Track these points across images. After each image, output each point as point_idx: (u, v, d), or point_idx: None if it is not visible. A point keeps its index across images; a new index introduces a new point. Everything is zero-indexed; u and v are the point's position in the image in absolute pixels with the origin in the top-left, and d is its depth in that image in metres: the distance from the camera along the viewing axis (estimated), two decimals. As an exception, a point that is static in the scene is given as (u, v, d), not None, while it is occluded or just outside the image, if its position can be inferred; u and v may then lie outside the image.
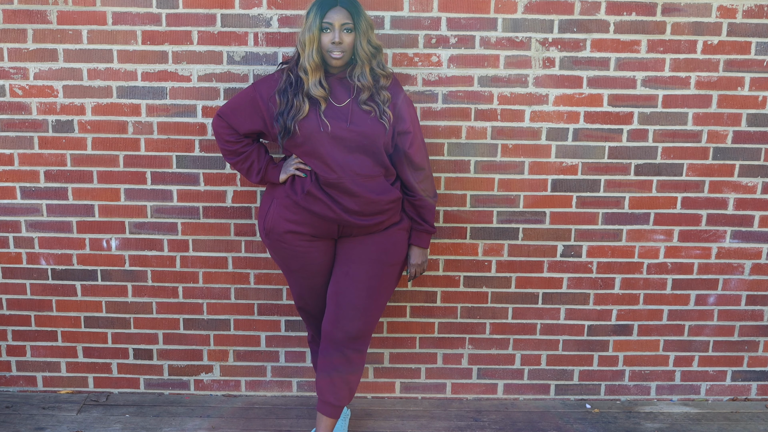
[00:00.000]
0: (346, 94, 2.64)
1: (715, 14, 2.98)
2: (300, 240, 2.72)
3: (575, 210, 3.17)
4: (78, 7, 2.93)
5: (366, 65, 2.60)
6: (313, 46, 2.55)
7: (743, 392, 3.41)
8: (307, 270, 2.77)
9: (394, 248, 2.76)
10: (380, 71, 2.64)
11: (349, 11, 2.54)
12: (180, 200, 3.13)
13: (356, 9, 2.56)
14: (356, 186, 2.62)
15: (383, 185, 2.68)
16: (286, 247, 2.74)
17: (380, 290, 2.75)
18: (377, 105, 2.63)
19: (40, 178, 3.11)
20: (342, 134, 2.60)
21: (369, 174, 2.64)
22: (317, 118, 2.60)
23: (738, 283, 3.28)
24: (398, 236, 2.77)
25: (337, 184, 2.62)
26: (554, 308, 3.28)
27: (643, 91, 3.06)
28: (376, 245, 2.74)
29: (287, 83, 2.64)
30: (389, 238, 2.75)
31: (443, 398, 3.38)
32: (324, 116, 2.60)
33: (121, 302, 3.25)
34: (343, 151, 2.61)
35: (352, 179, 2.62)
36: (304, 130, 2.61)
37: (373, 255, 2.73)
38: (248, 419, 3.18)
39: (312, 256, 2.75)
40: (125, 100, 3.03)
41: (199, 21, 2.95)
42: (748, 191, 3.17)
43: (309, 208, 2.67)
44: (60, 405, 3.25)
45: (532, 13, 2.96)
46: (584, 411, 3.30)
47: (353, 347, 2.75)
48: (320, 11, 2.54)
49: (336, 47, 2.55)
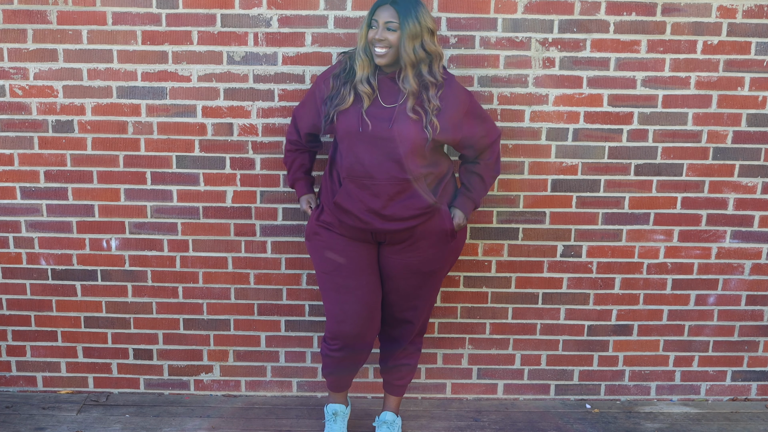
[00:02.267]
0: (395, 96, 2.62)
1: (715, 14, 2.98)
2: (334, 236, 2.74)
3: (575, 210, 3.17)
4: (78, 7, 2.93)
5: (410, 69, 2.56)
6: (362, 42, 2.60)
7: (743, 392, 3.41)
8: (344, 268, 2.73)
9: (435, 258, 2.75)
10: (429, 78, 2.58)
11: (397, 10, 2.53)
12: (180, 200, 3.13)
13: (406, 10, 2.53)
14: (389, 189, 2.60)
15: (420, 190, 2.65)
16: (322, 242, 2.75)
17: (429, 294, 2.86)
18: (425, 113, 2.59)
19: (40, 178, 3.11)
20: (382, 134, 2.58)
21: (404, 178, 2.60)
22: (358, 117, 2.60)
23: (738, 283, 3.27)
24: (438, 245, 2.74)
25: (371, 185, 2.60)
26: (554, 308, 3.28)
27: (643, 91, 3.06)
28: (417, 259, 2.73)
29: (342, 68, 2.67)
30: (429, 248, 2.73)
31: (443, 398, 3.38)
32: (366, 115, 2.59)
33: (121, 302, 3.25)
34: (379, 152, 2.59)
35: (386, 181, 2.60)
36: (343, 125, 2.61)
37: (415, 267, 2.75)
38: (248, 419, 3.18)
39: (347, 253, 2.72)
40: (125, 100, 3.03)
41: (199, 21, 2.95)
42: (748, 191, 3.17)
43: (340, 218, 2.69)
44: (60, 405, 3.25)
45: (532, 13, 2.96)
46: (584, 411, 3.30)
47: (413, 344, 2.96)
48: (373, 8, 2.59)
49: (378, 43, 2.55)
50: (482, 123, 2.75)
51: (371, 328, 2.80)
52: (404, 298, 2.82)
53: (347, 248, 2.74)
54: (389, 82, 2.63)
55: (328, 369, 2.93)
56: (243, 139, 3.07)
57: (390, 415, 3.03)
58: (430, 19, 2.58)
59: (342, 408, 3.02)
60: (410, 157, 2.60)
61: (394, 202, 2.62)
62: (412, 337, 2.93)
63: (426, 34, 2.56)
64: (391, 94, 2.62)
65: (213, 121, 3.05)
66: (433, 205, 2.68)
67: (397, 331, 2.91)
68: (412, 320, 2.87)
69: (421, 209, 2.66)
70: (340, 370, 2.92)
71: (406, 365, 2.98)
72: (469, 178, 2.80)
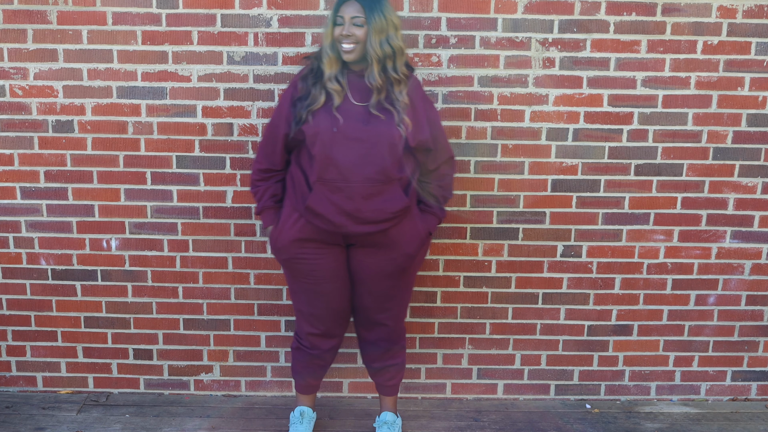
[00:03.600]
0: (366, 93, 2.60)
1: (715, 14, 2.98)
2: (306, 247, 2.70)
3: (575, 210, 3.17)
4: (78, 7, 2.93)
5: (377, 65, 2.54)
6: (328, 40, 2.57)
7: (743, 392, 3.41)
8: (315, 274, 2.73)
9: (405, 261, 2.74)
10: (393, 74, 2.57)
11: (362, 5, 2.52)
12: (180, 200, 3.13)
13: (372, 5, 2.52)
14: (363, 190, 2.57)
15: (395, 192, 2.62)
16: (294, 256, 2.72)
17: (402, 293, 2.84)
18: (396, 111, 2.58)
19: (40, 178, 3.11)
20: (356, 134, 2.56)
21: (380, 179, 2.58)
22: (330, 115, 2.57)
23: (738, 283, 3.28)
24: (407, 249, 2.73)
25: (345, 188, 2.57)
26: (554, 308, 3.28)
27: (643, 91, 3.06)
28: (388, 262, 2.72)
29: (309, 69, 2.65)
30: (399, 252, 2.71)
31: (443, 398, 3.38)
32: (338, 112, 2.57)
33: (121, 302, 3.25)
34: (354, 153, 2.56)
35: (360, 183, 2.57)
36: (315, 124, 2.57)
37: (387, 272, 2.73)
38: (248, 419, 3.18)
39: (319, 263, 2.72)
40: (125, 100, 3.03)
41: (199, 21, 2.95)
42: (748, 191, 3.17)
43: (312, 222, 2.65)
44: (60, 405, 3.25)
45: (532, 14, 2.96)
46: (584, 411, 3.30)
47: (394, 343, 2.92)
48: (337, 5, 2.57)
49: (345, 39, 2.53)
50: (442, 133, 2.76)
51: (340, 328, 2.87)
52: (378, 301, 2.80)
53: (317, 258, 2.72)
54: (358, 79, 2.61)
55: (297, 366, 2.96)
56: (243, 139, 3.07)
57: (390, 415, 3.02)
58: (395, 14, 2.58)
59: (309, 411, 3.02)
60: (385, 158, 2.57)
61: (369, 205, 2.59)
62: (392, 337, 2.90)
63: (391, 28, 2.55)
64: (361, 91, 2.60)
65: (213, 121, 3.05)
66: (407, 207, 2.66)
67: (374, 334, 2.89)
68: (387, 322, 2.85)
69: (394, 212, 2.63)
70: (308, 368, 2.94)
71: (393, 365, 2.96)
72: (426, 197, 2.79)
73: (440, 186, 2.79)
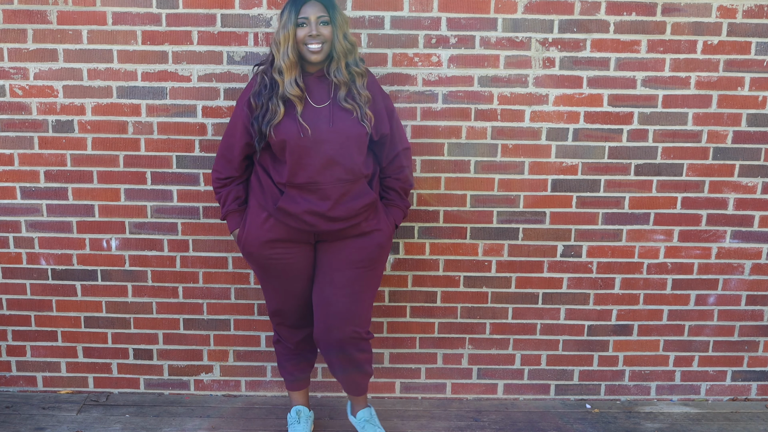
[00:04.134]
0: (326, 94, 2.61)
1: (715, 14, 2.98)
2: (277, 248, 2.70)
3: (575, 210, 3.17)
4: (78, 7, 2.93)
5: (342, 60, 2.58)
6: (288, 43, 2.53)
7: (743, 392, 3.41)
8: (286, 274, 2.74)
9: (374, 251, 2.74)
10: (355, 69, 2.60)
11: (323, 4, 2.54)
12: (180, 200, 3.13)
13: (332, 3, 2.56)
14: (335, 191, 2.59)
15: (363, 188, 2.66)
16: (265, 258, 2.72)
17: (366, 291, 2.77)
18: (358, 106, 2.60)
19: (40, 178, 3.11)
20: (324, 137, 2.57)
21: (350, 178, 2.61)
22: (295, 123, 2.56)
23: (738, 283, 3.28)
24: (377, 238, 2.73)
25: (317, 190, 2.59)
26: (554, 308, 3.28)
27: (643, 91, 3.06)
28: (356, 251, 2.71)
29: (261, 86, 2.61)
30: (369, 241, 2.72)
31: (443, 398, 3.38)
32: (302, 119, 2.57)
33: (121, 302, 3.25)
34: (324, 155, 2.57)
35: (332, 184, 2.59)
36: (281, 135, 2.57)
37: (355, 261, 2.71)
38: (248, 419, 3.18)
39: (290, 262, 2.73)
40: (125, 100, 3.03)
41: (199, 21, 2.95)
42: (748, 191, 3.17)
43: (283, 221, 2.65)
44: (60, 405, 3.25)
45: (532, 13, 2.96)
46: (584, 411, 3.30)
47: (355, 347, 2.77)
48: (294, 7, 2.54)
49: (313, 39, 2.52)
50: (399, 125, 2.78)
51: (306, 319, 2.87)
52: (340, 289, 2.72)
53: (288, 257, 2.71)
54: (316, 80, 2.62)
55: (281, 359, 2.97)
56: (243, 139, 3.06)
57: (365, 412, 2.98)
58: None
59: (305, 409, 3.02)
60: (353, 156, 2.60)
61: (341, 204, 2.62)
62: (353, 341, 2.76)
63: (346, 24, 2.60)
64: (320, 93, 2.61)
65: (213, 121, 3.05)
66: (374, 201, 2.69)
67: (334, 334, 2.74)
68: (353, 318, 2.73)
69: (364, 207, 2.66)
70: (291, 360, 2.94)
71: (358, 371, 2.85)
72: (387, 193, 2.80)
73: (398, 179, 2.78)
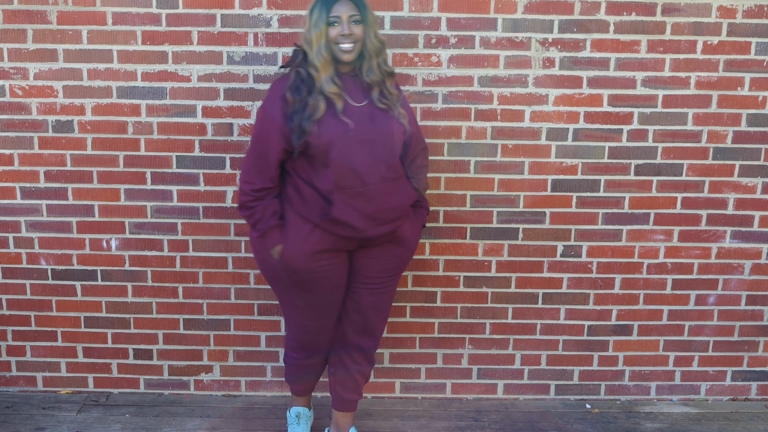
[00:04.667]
0: (361, 94, 2.55)
1: (715, 14, 2.98)
2: (323, 260, 2.59)
3: (575, 210, 3.17)
4: (78, 7, 2.93)
5: (374, 59, 2.52)
6: (321, 42, 2.46)
7: (743, 392, 3.41)
8: (329, 284, 2.64)
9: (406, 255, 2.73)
10: (386, 68, 2.56)
11: (355, 3, 2.49)
12: (180, 200, 3.13)
13: (362, 2, 2.50)
14: (381, 191, 2.53)
15: (404, 187, 2.61)
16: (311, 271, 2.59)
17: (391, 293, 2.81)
18: (393, 104, 2.56)
19: (40, 178, 3.11)
20: (368, 136, 2.50)
21: (393, 176, 2.56)
22: (339, 121, 2.47)
23: (738, 283, 3.28)
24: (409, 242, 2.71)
25: (364, 192, 2.51)
26: (554, 308, 3.28)
27: (643, 91, 3.06)
28: (392, 257, 2.69)
29: (298, 80, 2.49)
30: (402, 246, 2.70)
31: (443, 398, 3.38)
32: (345, 116, 2.48)
33: (121, 302, 3.25)
34: (370, 154, 2.50)
35: (379, 184, 2.52)
36: (327, 135, 2.45)
37: (390, 266, 2.71)
38: (248, 419, 3.18)
39: (333, 272, 2.64)
40: (125, 100, 3.03)
41: (199, 21, 2.95)
42: (748, 191, 3.17)
43: (332, 230, 2.55)
44: (60, 405, 3.25)
45: (532, 13, 2.96)
46: (584, 411, 3.30)
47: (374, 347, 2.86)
48: (325, 6, 2.46)
49: (346, 38, 2.46)
50: (417, 124, 2.74)
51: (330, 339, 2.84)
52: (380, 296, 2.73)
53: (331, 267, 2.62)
54: (350, 80, 2.55)
55: (294, 376, 2.92)
56: (243, 139, 3.07)
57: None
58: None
59: (305, 410, 3.01)
60: (395, 154, 2.56)
61: (386, 204, 2.56)
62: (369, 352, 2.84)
63: (376, 23, 2.55)
64: (356, 92, 2.55)
65: (213, 121, 3.05)
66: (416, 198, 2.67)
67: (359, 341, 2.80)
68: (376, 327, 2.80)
69: (404, 209, 2.63)
70: (306, 375, 2.91)
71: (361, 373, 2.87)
72: None
73: (418, 179, 2.74)
